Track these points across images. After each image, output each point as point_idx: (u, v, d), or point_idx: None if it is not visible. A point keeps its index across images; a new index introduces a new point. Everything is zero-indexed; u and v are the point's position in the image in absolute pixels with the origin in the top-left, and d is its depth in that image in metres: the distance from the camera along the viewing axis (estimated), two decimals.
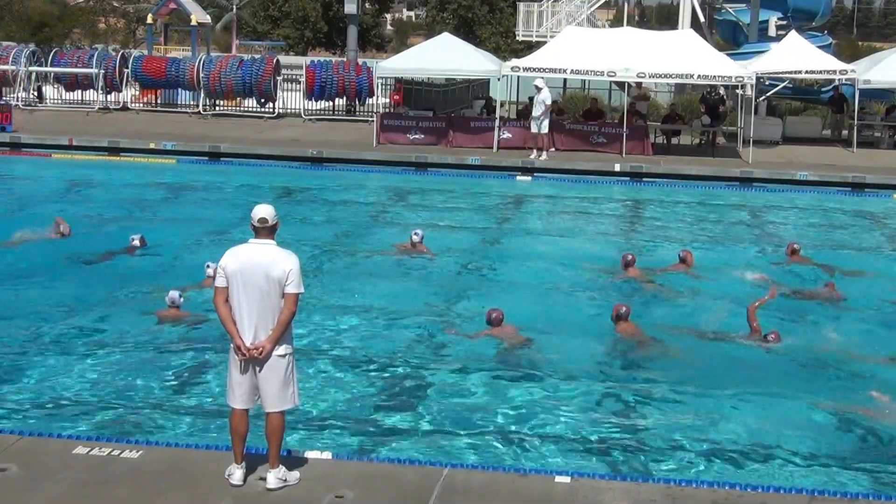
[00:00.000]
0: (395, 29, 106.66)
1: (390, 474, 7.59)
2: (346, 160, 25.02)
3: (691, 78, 26.59)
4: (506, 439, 9.15)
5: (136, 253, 15.35)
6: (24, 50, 33.51)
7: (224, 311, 7.06)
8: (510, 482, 7.54)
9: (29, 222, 16.44)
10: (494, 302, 12.56)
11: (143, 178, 22.76)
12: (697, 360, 11.57)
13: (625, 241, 17.51)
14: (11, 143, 25.89)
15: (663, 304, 13.91)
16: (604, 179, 24.11)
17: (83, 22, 60.95)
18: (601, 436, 9.32)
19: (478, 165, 24.77)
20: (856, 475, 8.62)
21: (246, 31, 61.98)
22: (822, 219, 21.13)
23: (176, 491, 7.14)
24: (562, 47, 27.14)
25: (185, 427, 9.13)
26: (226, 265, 7.08)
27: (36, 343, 11.42)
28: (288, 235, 14.40)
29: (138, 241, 15.57)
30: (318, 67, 32.47)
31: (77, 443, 7.93)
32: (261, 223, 7.08)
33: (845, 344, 12.29)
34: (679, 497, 7.31)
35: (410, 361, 11.24)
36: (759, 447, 9.09)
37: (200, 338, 11.56)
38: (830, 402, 10.31)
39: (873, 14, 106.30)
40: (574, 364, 11.17)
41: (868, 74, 27.09)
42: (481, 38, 55.76)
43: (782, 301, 14.08)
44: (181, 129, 28.44)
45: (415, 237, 15.91)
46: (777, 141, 28.78)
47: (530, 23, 42.64)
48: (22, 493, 7.01)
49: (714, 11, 42.08)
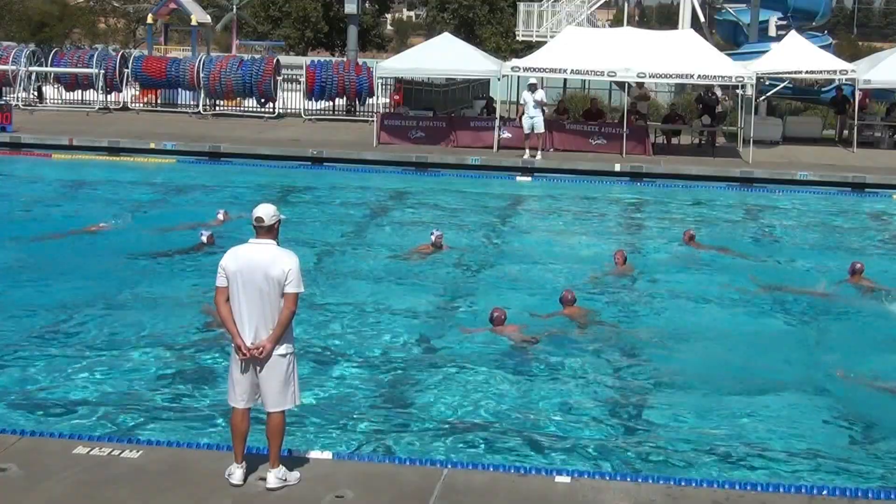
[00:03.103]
0: (396, 29, 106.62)
1: (390, 474, 7.59)
2: (346, 160, 25.02)
3: (691, 78, 26.58)
4: (506, 439, 9.14)
5: (203, 250, 15.28)
6: (24, 50, 33.52)
7: (225, 311, 7.06)
8: (510, 482, 7.54)
9: (28, 222, 16.47)
10: (494, 301, 12.57)
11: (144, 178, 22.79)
12: (697, 360, 11.58)
13: (624, 241, 17.48)
14: (11, 143, 25.89)
15: (660, 302, 13.93)
16: (604, 179, 24.11)
17: (83, 22, 61.06)
18: (601, 436, 9.32)
19: (478, 165, 24.77)
20: (856, 475, 8.62)
21: (246, 31, 61.95)
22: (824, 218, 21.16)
23: (176, 491, 7.13)
24: (562, 47, 27.14)
25: (185, 427, 9.13)
26: (226, 265, 7.08)
27: (36, 342, 11.40)
28: (288, 235, 14.44)
29: (206, 238, 15.32)
30: (318, 67, 32.48)
31: (77, 443, 7.93)
32: (258, 222, 7.08)
33: (845, 343, 12.30)
34: (679, 497, 7.31)
35: (410, 361, 11.25)
36: (759, 447, 9.09)
37: (201, 337, 11.56)
38: (830, 402, 10.32)
39: (873, 14, 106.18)
40: (574, 364, 11.17)
41: (868, 74, 27.09)
42: (481, 39, 55.78)
43: (779, 297, 14.13)
44: (181, 129, 28.44)
45: (437, 238, 15.92)
46: (777, 141, 28.79)
47: (530, 23, 42.71)
48: (22, 493, 7.01)
49: (714, 11, 42.10)
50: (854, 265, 14.75)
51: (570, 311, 12.60)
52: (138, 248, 15.65)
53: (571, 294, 12.73)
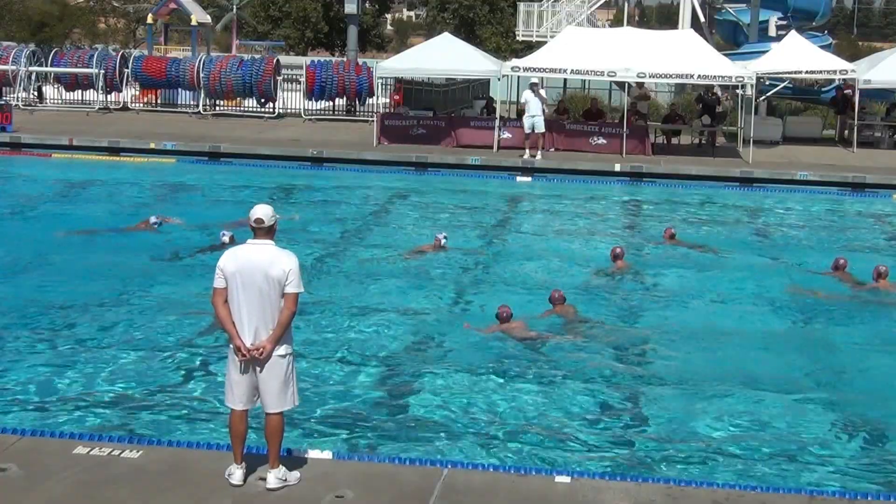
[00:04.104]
0: (395, 29, 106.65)
1: (390, 474, 7.59)
2: (347, 160, 25.02)
3: (691, 78, 26.59)
4: (506, 439, 9.15)
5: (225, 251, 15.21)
6: (24, 50, 33.52)
7: (223, 312, 7.05)
8: (510, 482, 7.54)
9: (29, 222, 16.46)
10: (494, 301, 12.59)
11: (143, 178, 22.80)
12: (698, 359, 11.59)
13: (624, 241, 17.48)
14: (11, 143, 25.88)
15: (659, 301, 13.94)
16: (604, 179, 24.11)
17: (83, 22, 61.07)
18: (601, 436, 9.32)
19: (478, 165, 24.77)
20: (856, 475, 8.62)
21: (246, 31, 61.99)
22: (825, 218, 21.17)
23: (176, 491, 7.13)
24: (562, 47, 27.14)
25: (185, 427, 9.13)
26: (224, 266, 7.06)
27: (35, 342, 11.40)
28: (289, 235, 14.46)
29: (228, 239, 15.06)
30: (318, 67, 32.48)
31: (77, 443, 7.92)
32: (257, 223, 7.07)
33: (845, 343, 12.31)
34: (679, 497, 7.31)
35: (410, 360, 11.24)
36: (760, 447, 9.09)
37: (201, 337, 11.55)
38: (830, 402, 10.32)
39: (873, 14, 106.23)
40: (575, 363, 11.17)
41: (868, 74, 27.09)
42: (482, 39, 55.79)
43: (784, 299, 14.13)
44: (181, 129, 28.44)
45: (441, 240, 15.94)
46: (777, 141, 28.79)
47: (530, 23, 42.72)
48: (22, 493, 7.00)
49: (714, 11, 42.11)
50: (837, 261, 15.03)
51: (560, 310, 12.69)
52: (155, 248, 15.68)
53: (559, 293, 12.84)
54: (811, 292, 14.36)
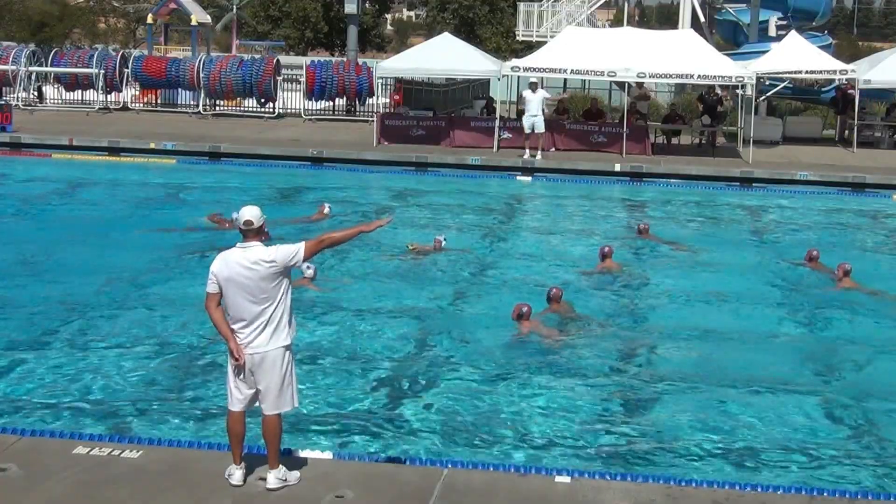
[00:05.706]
0: (395, 29, 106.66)
1: (390, 474, 7.59)
2: (346, 160, 25.02)
3: (691, 78, 26.59)
4: (506, 439, 9.14)
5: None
6: (24, 50, 33.53)
7: (217, 315, 7.04)
8: (510, 482, 7.54)
9: (28, 222, 16.45)
10: (494, 300, 12.60)
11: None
12: (698, 359, 11.59)
13: (624, 240, 17.49)
14: (11, 143, 25.89)
15: (657, 300, 13.94)
16: (604, 179, 24.11)
17: (83, 22, 61.08)
18: (601, 436, 9.31)
19: (478, 165, 24.77)
20: (856, 474, 8.62)
21: (246, 31, 61.98)
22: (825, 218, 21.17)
23: (176, 491, 7.13)
24: (562, 47, 27.15)
25: (185, 427, 9.12)
26: (218, 271, 7.04)
27: (35, 342, 11.40)
28: (289, 235, 14.46)
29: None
30: (318, 67, 32.48)
31: (77, 443, 7.92)
32: (247, 225, 7.06)
33: (846, 342, 12.30)
34: (679, 497, 7.31)
35: (410, 361, 11.24)
36: (759, 447, 9.09)
37: (201, 337, 11.55)
38: (831, 402, 10.31)
39: (873, 14, 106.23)
40: (575, 363, 11.17)
41: (868, 74, 27.09)
42: (482, 39, 55.80)
43: (782, 298, 14.12)
44: (181, 129, 28.44)
45: (440, 242, 15.95)
46: (777, 141, 28.79)
47: (530, 23, 42.73)
48: (22, 493, 7.00)
49: (714, 11, 42.13)
50: (811, 252, 15.53)
51: (557, 308, 12.70)
52: (161, 246, 15.71)
53: (557, 290, 12.85)
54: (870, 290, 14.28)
